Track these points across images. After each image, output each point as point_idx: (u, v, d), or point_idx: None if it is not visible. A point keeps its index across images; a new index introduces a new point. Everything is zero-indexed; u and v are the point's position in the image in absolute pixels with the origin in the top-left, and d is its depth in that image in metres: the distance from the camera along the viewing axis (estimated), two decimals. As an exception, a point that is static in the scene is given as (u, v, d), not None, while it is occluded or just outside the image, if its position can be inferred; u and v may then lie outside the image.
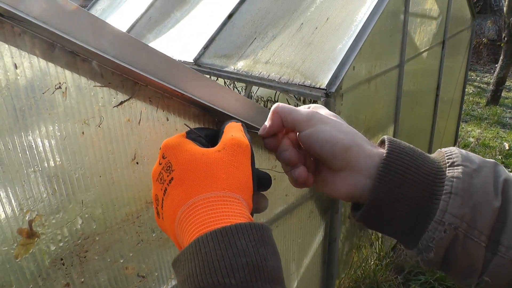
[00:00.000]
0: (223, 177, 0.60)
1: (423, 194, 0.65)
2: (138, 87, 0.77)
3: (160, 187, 0.63)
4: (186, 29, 3.37)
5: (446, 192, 0.62)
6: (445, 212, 0.62)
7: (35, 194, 0.70)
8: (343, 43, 2.42)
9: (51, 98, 0.67)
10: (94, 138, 0.75)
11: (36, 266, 0.74)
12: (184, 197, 0.59)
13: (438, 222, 0.62)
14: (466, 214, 0.61)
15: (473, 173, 0.63)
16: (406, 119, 3.42)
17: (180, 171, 0.61)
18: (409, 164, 0.65)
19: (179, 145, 0.65)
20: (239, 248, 0.51)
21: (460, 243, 0.62)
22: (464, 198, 0.61)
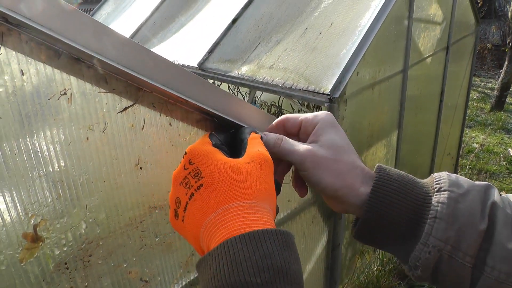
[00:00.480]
0: (254, 188, 0.64)
1: (410, 218, 0.71)
2: (142, 93, 0.78)
3: (185, 191, 0.66)
4: (191, 33, 3.39)
5: (431, 217, 0.68)
6: (430, 235, 0.67)
7: (40, 199, 0.71)
8: (347, 48, 2.43)
9: (57, 104, 0.68)
10: (98, 143, 0.76)
11: (40, 270, 0.75)
12: (215, 204, 0.62)
13: (424, 244, 0.68)
14: (450, 237, 0.67)
15: (459, 198, 0.69)
16: (410, 124, 3.42)
17: (211, 179, 0.64)
18: (397, 190, 0.72)
19: (209, 154, 0.68)
20: (265, 251, 0.54)
21: (445, 264, 0.67)
22: (449, 222, 0.67)
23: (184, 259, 1.03)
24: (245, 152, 0.70)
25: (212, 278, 0.54)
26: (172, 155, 0.88)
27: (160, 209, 0.91)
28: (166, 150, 0.87)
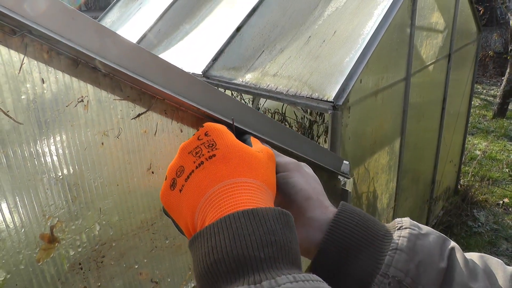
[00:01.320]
0: (263, 172, 0.66)
1: (370, 251, 0.69)
2: (154, 100, 0.81)
3: (194, 159, 0.67)
4: (195, 41, 3.42)
5: (392, 249, 0.67)
6: (390, 266, 0.66)
7: (57, 201, 0.74)
8: (350, 56, 2.46)
9: (74, 110, 0.71)
10: (112, 148, 0.79)
11: (56, 270, 0.78)
12: (225, 175, 0.63)
13: (383, 276, 0.66)
14: (410, 270, 0.65)
15: (420, 236, 0.69)
16: (413, 131, 3.45)
17: (226, 152, 0.66)
18: (358, 223, 0.71)
19: (226, 132, 0.70)
20: (268, 228, 0.54)
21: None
22: (409, 255, 0.66)
23: (193, 262, 1.06)
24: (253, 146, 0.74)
25: (210, 251, 0.53)
26: (182, 160, 0.91)
27: (170, 212, 0.94)
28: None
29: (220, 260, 0.52)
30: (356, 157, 2.70)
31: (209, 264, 0.52)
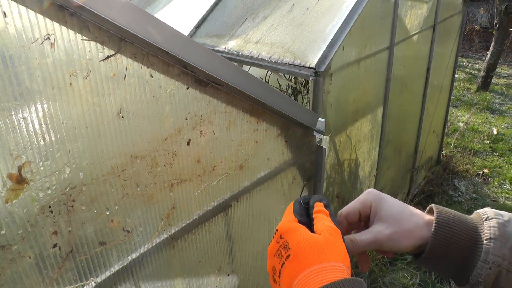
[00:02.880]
0: (328, 252, 0.76)
1: (469, 242, 0.83)
2: (123, 43, 0.81)
3: (278, 261, 0.80)
4: (178, 8, 3.40)
5: (487, 238, 0.80)
6: (488, 253, 0.79)
7: (24, 141, 0.74)
8: (333, 24, 2.45)
9: (40, 48, 0.71)
10: (81, 90, 0.79)
11: (25, 212, 0.78)
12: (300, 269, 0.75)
13: (484, 262, 0.79)
14: (506, 254, 0.78)
15: (506, 223, 0.82)
16: (396, 101, 3.46)
17: (296, 249, 0.78)
18: (455, 219, 0.85)
19: (294, 230, 0.82)
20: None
21: (504, 278, 0.79)
22: (502, 242, 0.79)
23: (166, 212, 1.06)
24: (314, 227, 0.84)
25: None
26: (152, 106, 0.91)
27: (141, 160, 0.94)
28: (148, 101, 0.90)
29: None
30: (338, 124, 2.72)
31: None
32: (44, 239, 0.83)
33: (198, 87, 0.97)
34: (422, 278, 3.62)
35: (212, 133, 1.06)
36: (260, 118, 1.18)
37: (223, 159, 1.13)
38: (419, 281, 3.58)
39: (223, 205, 1.24)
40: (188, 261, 1.22)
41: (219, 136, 1.08)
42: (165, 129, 0.96)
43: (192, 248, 1.21)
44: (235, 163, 1.19)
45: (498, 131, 6.70)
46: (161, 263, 1.12)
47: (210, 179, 1.14)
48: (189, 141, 1.02)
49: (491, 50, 8.15)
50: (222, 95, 1.03)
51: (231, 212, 1.30)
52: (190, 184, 1.09)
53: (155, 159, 0.97)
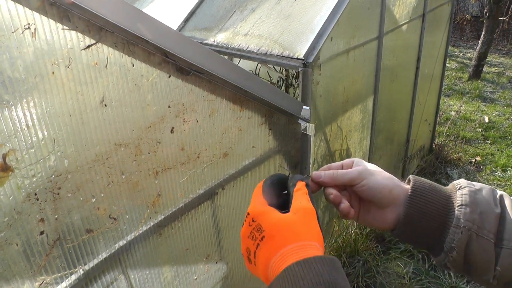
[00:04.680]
0: (302, 231, 0.81)
1: (442, 209, 0.89)
2: (104, 32, 0.83)
3: (252, 243, 0.83)
4: (167, 2, 3.40)
5: (459, 205, 0.86)
6: (460, 219, 0.85)
7: (8, 129, 0.75)
8: (321, 14, 2.47)
9: (21, 37, 0.73)
10: (64, 78, 0.80)
11: (11, 200, 0.80)
12: (275, 249, 0.78)
13: (456, 227, 0.85)
14: (475, 219, 0.84)
15: (476, 191, 0.88)
16: (386, 91, 3.48)
17: (270, 231, 0.81)
18: (429, 188, 0.91)
19: (266, 213, 0.85)
20: (317, 271, 0.69)
21: (474, 242, 0.84)
22: (472, 208, 0.85)
23: (151, 200, 1.08)
24: (291, 206, 0.87)
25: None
26: (135, 94, 0.93)
27: (125, 147, 0.96)
28: (130, 90, 0.92)
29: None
30: (328, 115, 2.73)
31: None
32: (31, 226, 0.85)
33: (180, 76, 0.99)
34: (416, 266, 3.65)
35: (195, 121, 1.08)
36: (243, 106, 1.19)
37: (207, 146, 1.15)
38: (412, 270, 3.60)
39: (209, 193, 1.26)
40: (176, 249, 1.23)
41: (203, 124, 1.10)
42: (148, 117, 0.98)
43: (179, 235, 1.23)
44: (219, 150, 1.21)
45: (489, 119, 6.74)
46: (148, 250, 1.14)
47: (195, 167, 1.15)
48: (173, 129, 1.04)
49: (482, 39, 8.19)
50: (204, 83, 1.05)
51: (218, 199, 1.32)
52: (175, 172, 1.10)
53: (139, 147, 0.99)
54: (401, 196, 0.92)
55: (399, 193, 0.92)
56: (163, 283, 1.23)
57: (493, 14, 7.87)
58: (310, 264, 0.71)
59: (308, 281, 0.68)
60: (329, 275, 0.70)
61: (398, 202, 0.93)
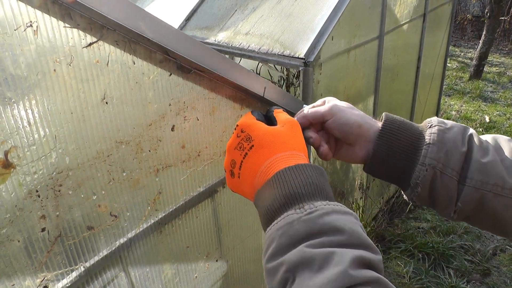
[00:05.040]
0: (290, 143, 0.85)
1: (411, 147, 0.92)
2: (105, 30, 0.83)
3: (240, 153, 0.87)
4: (168, 1, 3.41)
5: (426, 143, 0.90)
6: (426, 157, 0.88)
7: (10, 126, 0.76)
8: (322, 13, 2.47)
9: (23, 35, 0.73)
10: (65, 76, 0.81)
11: (13, 196, 0.80)
12: (265, 156, 0.83)
13: (422, 165, 0.89)
14: (441, 158, 0.88)
15: (446, 130, 0.90)
16: (387, 90, 3.48)
17: (260, 140, 0.85)
18: (399, 127, 0.94)
19: (255, 124, 0.89)
20: (307, 175, 0.75)
21: (438, 179, 0.88)
22: (439, 146, 0.88)
23: (152, 197, 1.09)
24: (277, 121, 0.93)
25: (267, 197, 0.76)
26: (136, 92, 0.94)
27: (126, 145, 0.97)
28: (131, 87, 0.92)
29: (275, 199, 0.74)
30: (329, 114, 2.73)
31: (268, 205, 0.75)
32: (32, 223, 0.86)
33: (181, 74, 1.00)
34: (416, 266, 3.66)
35: (196, 119, 1.08)
36: (243, 104, 1.20)
37: (208, 144, 1.16)
38: (412, 269, 3.61)
39: (209, 191, 1.27)
40: (176, 247, 1.24)
41: (203, 122, 1.11)
42: (149, 115, 0.98)
43: (180, 233, 1.23)
44: (220, 148, 1.22)
45: (490, 118, 6.75)
46: (149, 248, 1.14)
47: (196, 165, 1.16)
48: (173, 127, 1.04)
49: (483, 39, 8.19)
50: (205, 81, 1.05)
51: (218, 197, 1.33)
52: (175, 170, 1.11)
53: (140, 145, 0.99)
54: (371, 132, 0.96)
55: (369, 129, 0.95)
56: (164, 281, 1.23)
57: (494, 13, 7.87)
58: (300, 168, 0.77)
59: (298, 182, 0.74)
60: (318, 179, 0.76)
61: (368, 139, 0.96)
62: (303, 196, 0.72)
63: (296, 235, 0.67)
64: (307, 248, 0.64)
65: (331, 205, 0.71)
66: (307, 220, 0.68)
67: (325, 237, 0.65)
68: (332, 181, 3.14)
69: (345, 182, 3.38)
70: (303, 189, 0.73)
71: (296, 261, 0.63)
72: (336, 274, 0.58)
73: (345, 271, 0.58)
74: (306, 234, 0.66)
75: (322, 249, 0.63)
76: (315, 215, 0.68)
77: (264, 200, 0.77)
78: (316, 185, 0.74)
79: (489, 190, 0.85)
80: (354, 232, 0.66)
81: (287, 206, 0.72)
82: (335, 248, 0.63)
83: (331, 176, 3.12)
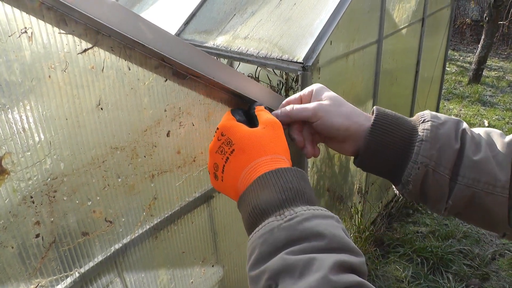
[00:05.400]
0: (272, 145, 0.86)
1: (403, 143, 0.91)
2: (100, 36, 0.83)
3: (221, 157, 0.88)
4: (167, 5, 3.41)
5: (419, 140, 0.88)
6: (418, 154, 0.87)
7: (4, 132, 0.76)
8: (321, 18, 2.47)
9: (18, 41, 0.73)
10: (60, 82, 0.81)
11: (6, 202, 0.80)
12: (246, 161, 0.84)
13: (414, 162, 0.88)
14: (433, 155, 0.87)
15: (439, 126, 0.89)
16: (385, 94, 3.49)
17: (240, 144, 0.86)
18: (391, 122, 0.92)
19: (235, 126, 0.89)
20: (287, 179, 0.77)
21: (430, 177, 0.88)
22: (432, 143, 0.87)
23: (147, 203, 1.09)
24: (259, 122, 0.93)
25: (251, 200, 0.77)
26: (131, 98, 0.93)
27: (121, 151, 0.96)
28: (126, 93, 0.92)
29: (255, 206, 0.76)
30: (327, 118, 2.73)
31: (249, 211, 0.76)
32: (26, 229, 0.85)
33: (177, 80, 0.99)
34: (414, 270, 3.66)
35: (191, 124, 1.08)
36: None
37: (203, 150, 1.15)
38: (411, 273, 3.61)
39: (205, 196, 1.27)
40: (172, 252, 1.24)
41: (199, 127, 1.11)
42: (144, 120, 0.98)
43: (175, 238, 1.23)
44: (216, 154, 1.21)
45: (489, 123, 6.76)
46: (144, 253, 1.14)
47: (191, 170, 1.16)
48: (169, 132, 1.04)
49: (482, 43, 8.21)
50: (201, 87, 1.05)
51: (214, 203, 1.32)
52: (171, 175, 1.11)
53: (135, 150, 0.99)
54: (360, 131, 0.94)
55: (357, 129, 0.94)
56: (159, 286, 1.23)
57: (493, 18, 7.89)
58: (281, 173, 0.78)
59: (279, 187, 0.75)
60: (298, 183, 0.77)
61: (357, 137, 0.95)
62: (283, 201, 0.74)
63: (276, 242, 0.68)
64: (287, 256, 0.65)
65: (311, 209, 0.72)
66: (287, 227, 0.69)
67: (306, 243, 0.66)
68: (330, 185, 3.14)
69: (344, 186, 3.38)
70: (283, 194, 0.74)
71: (277, 269, 0.64)
72: (317, 280, 0.59)
73: (326, 277, 0.59)
74: (286, 241, 0.67)
75: (303, 255, 0.64)
76: (295, 221, 0.69)
77: (246, 206, 0.79)
78: (296, 189, 0.76)
79: (481, 188, 0.85)
80: (335, 236, 0.67)
81: (267, 213, 0.74)
82: (315, 254, 0.64)
83: (330, 180, 3.12)
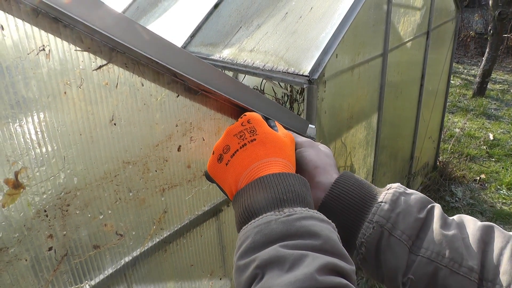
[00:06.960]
0: (288, 153, 0.87)
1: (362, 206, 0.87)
2: (115, 53, 0.85)
3: (238, 141, 0.87)
4: (174, 18, 3.44)
5: (379, 202, 0.85)
6: (375, 214, 0.84)
7: (21, 147, 0.77)
8: (326, 31, 2.49)
9: (36, 59, 0.75)
10: (75, 98, 0.82)
11: (21, 216, 0.81)
12: (263, 155, 0.84)
13: (369, 222, 0.84)
14: (391, 217, 0.83)
15: (404, 194, 0.86)
16: (390, 107, 3.49)
17: (264, 138, 0.86)
18: (354, 184, 0.90)
19: (263, 121, 0.90)
20: (289, 183, 0.77)
21: (385, 240, 0.82)
22: (392, 206, 0.84)
23: (157, 216, 1.10)
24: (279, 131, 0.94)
25: (249, 198, 0.77)
26: (144, 113, 0.95)
27: (133, 165, 0.98)
28: (139, 109, 0.94)
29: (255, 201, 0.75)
30: (333, 131, 2.75)
31: (248, 204, 0.76)
32: (39, 242, 0.87)
33: (188, 95, 1.01)
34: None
35: (202, 139, 1.09)
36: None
37: (214, 164, 1.17)
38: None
39: (214, 210, 1.28)
40: (180, 265, 1.25)
41: (209, 142, 1.12)
42: (156, 135, 0.99)
43: (184, 252, 1.24)
44: (225, 168, 1.23)
45: (494, 136, 6.75)
46: (153, 266, 1.15)
47: (201, 184, 1.17)
48: (180, 147, 1.06)
49: (486, 56, 8.22)
50: (212, 102, 1.06)
51: (222, 216, 1.34)
52: (181, 189, 1.12)
53: (146, 165, 1.00)
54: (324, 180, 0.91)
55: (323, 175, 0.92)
56: (168, 299, 1.24)
57: (497, 31, 7.91)
58: (286, 176, 0.78)
59: (281, 188, 0.76)
60: (300, 189, 0.77)
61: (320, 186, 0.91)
62: (284, 201, 0.74)
63: (272, 234, 0.68)
64: (281, 248, 0.65)
65: (310, 212, 0.72)
66: (285, 221, 0.69)
67: (301, 240, 0.66)
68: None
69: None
70: (285, 195, 0.75)
71: (268, 259, 0.64)
72: (304, 275, 0.59)
73: (312, 274, 0.59)
74: (282, 235, 0.67)
75: (296, 250, 0.64)
76: (293, 217, 0.69)
77: (244, 199, 0.78)
78: (298, 193, 0.76)
79: (445, 264, 0.78)
80: (330, 239, 0.67)
81: (267, 209, 0.74)
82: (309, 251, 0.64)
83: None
